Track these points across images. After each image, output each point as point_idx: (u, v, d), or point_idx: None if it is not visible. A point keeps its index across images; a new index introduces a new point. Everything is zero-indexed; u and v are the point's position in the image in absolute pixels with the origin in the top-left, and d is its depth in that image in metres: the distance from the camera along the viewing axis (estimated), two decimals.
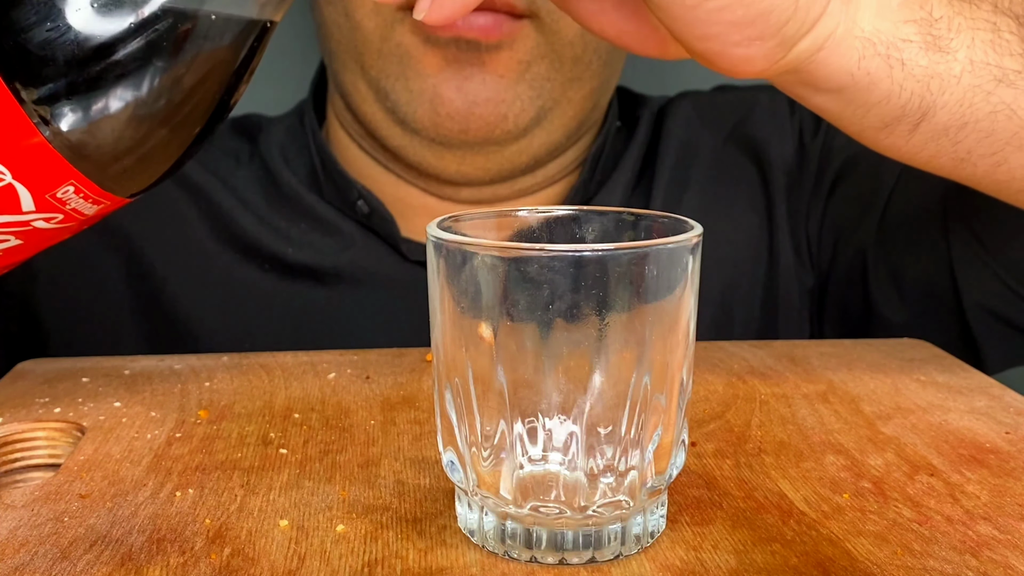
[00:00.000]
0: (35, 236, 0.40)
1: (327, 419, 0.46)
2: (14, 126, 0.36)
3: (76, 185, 0.38)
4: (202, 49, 0.37)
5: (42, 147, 0.36)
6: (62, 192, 0.38)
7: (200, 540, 0.35)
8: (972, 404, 0.48)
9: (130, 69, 0.36)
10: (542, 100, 0.64)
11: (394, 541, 0.35)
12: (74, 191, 0.38)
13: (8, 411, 0.47)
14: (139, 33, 0.36)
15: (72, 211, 0.39)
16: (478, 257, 0.32)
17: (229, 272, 0.68)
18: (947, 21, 0.43)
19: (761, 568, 0.33)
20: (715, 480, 0.40)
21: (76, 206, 0.39)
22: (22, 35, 0.35)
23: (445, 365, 0.34)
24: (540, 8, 0.60)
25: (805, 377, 0.52)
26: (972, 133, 0.44)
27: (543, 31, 0.61)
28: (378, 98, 0.64)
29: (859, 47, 0.42)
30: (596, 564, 0.33)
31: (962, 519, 0.36)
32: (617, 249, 0.31)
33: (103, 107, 0.37)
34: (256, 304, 0.68)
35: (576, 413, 0.32)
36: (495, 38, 0.59)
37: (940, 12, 0.43)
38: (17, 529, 0.36)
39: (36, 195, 0.38)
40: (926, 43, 0.43)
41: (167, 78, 0.37)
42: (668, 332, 0.33)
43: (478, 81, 0.61)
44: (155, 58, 0.36)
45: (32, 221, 0.39)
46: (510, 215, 0.39)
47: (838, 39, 0.42)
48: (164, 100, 0.37)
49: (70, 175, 0.38)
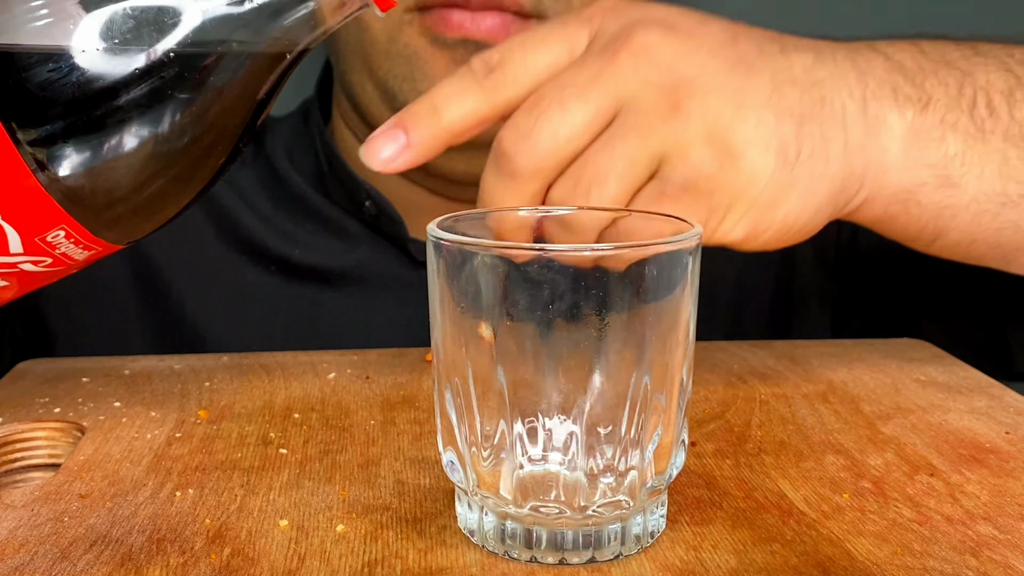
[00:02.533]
0: (23, 278, 0.39)
1: (327, 419, 0.46)
2: (7, 166, 0.34)
3: (67, 230, 0.37)
4: (209, 97, 0.36)
5: (34, 190, 0.35)
6: (52, 236, 0.37)
7: (200, 540, 0.35)
8: (972, 404, 0.48)
9: (132, 116, 0.35)
10: None
11: (394, 541, 0.35)
12: (65, 236, 0.37)
13: (8, 411, 0.47)
14: (144, 79, 0.35)
15: (62, 255, 0.38)
16: (478, 257, 0.32)
17: (235, 274, 0.68)
18: (960, 157, 0.45)
19: (761, 568, 0.33)
20: (715, 480, 0.40)
21: (66, 251, 0.38)
22: (22, 73, 0.34)
23: (445, 365, 0.34)
24: (547, 8, 0.60)
25: (805, 377, 0.52)
26: (982, 245, 0.48)
27: None
28: (385, 99, 0.64)
29: (883, 203, 0.46)
30: (596, 564, 0.33)
31: (962, 519, 0.36)
32: (617, 249, 0.31)
33: (101, 153, 0.35)
34: (262, 306, 0.68)
35: (576, 413, 0.32)
36: (503, 39, 0.59)
37: (955, 149, 0.45)
38: (17, 529, 0.36)
39: (25, 238, 0.36)
40: (940, 181, 0.45)
41: (171, 127, 0.36)
42: (668, 332, 0.33)
43: None
44: (159, 105, 0.35)
45: (19, 264, 0.38)
46: (510, 215, 0.39)
47: (868, 201, 0.46)
48: (166, 149, 0.36)
49: (62, 219, 0.36)
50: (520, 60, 0.41)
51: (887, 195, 0.45)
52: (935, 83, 0.45)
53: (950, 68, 0.45)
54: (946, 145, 0.45)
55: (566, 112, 0.41)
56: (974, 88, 0.45)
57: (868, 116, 0.44)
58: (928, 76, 0.45)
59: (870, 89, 0.45)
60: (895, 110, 0.44)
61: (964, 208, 0.46)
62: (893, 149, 0.44)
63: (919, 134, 0.45)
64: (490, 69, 0.40)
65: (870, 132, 0.45)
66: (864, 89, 0.45)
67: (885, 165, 0.45)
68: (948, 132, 0.45)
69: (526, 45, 0.41)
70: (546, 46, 0.42)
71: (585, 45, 0.43)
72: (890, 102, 0.44)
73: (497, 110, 0.41)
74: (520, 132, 0.41)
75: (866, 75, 0.45)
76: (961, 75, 0.45)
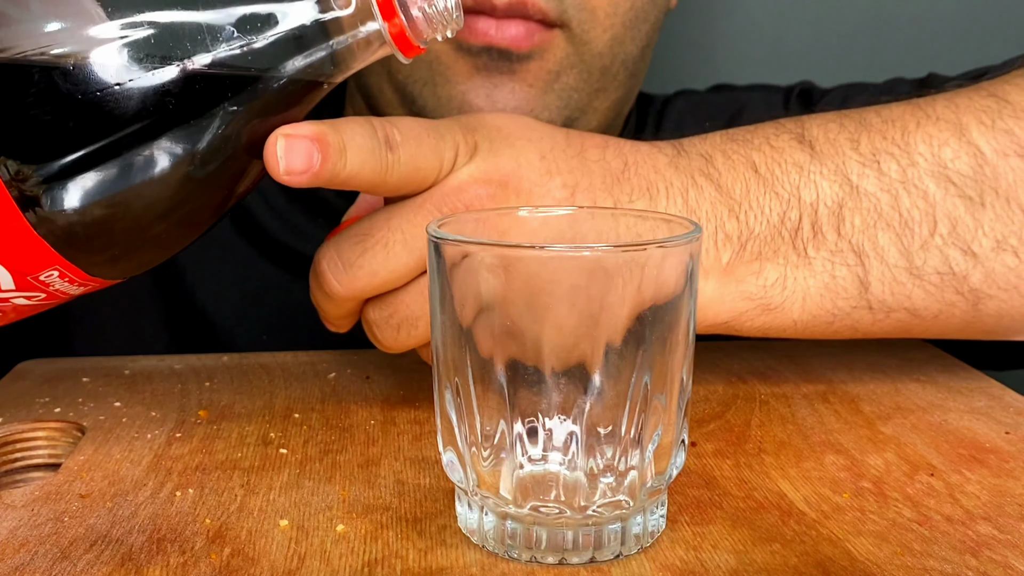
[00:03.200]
0: (15, 310, 0.38)
1: (327, 419, 0.46)
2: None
3: (61, 270, 0.35)
4: (213, 143, 0.35)
5: (26, 231, 0.34)
6: (46, 276, 0.36)
7: (200, 540, 0.35)
8: (972, 404, 0.48)
9: (128, 159, 0.33)
10: (569, 110, 0.64)
11: (394, 541, 0.35)
12: (59, 275, 0.36)
13: (8, 411, 0.47)
14: (141, 122, 0.33)
15: (56, 291, 0.37)
16: (478, 257, 0.32)
17: (247, 265, 0.69)
18: (780, 283, 0.45)
19: (761, 568, 0.33)
20: (715, 480, 0.40)
21: (60, 288, 0.37)
22: (15, 112, 0.32)
23: (445, 365, 0.34)
24: (572, 18, 0.60)
25: (805, 377, 0.52)
26: (833, 337, 0.48)
27: (573, 41, 0.61)
28: (404, 102, 0.64)
29: (706, 327, 0.46)
30: (596, 564, 0.33)
31: (962, 519, 0.36)
32: (617, 249, 0.31)
33: (95, 196, 0.34)
34: (273, 299, 0.68)
35: (576, 413, 0.32)
36: (526, 48, 0.59)
37: (774, 276, 0.45)
38: (17, 529, 0.36)
39: (17, 277, 0.35)
40: (760, 310, 0.46)
41: (169, 172, 0.34)
42: (668, 332, 0.33)
43: (507, 90, 0.61)
44: (158, 150, 0.34)
45: (12, 299, 0.37)
46: (510, 215, 0.39)
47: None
48: (164, 195, 0.35)
49: (55, 261, 0.35)
50: (411, 154, 0.41)
51: (707, 325, 0.46)
52: (758, 214, 0.45)
53: (778, 190, 0.45)
54: (765, 275, 0.45)
55: (389, 256, 0.42)
56: (799, 211, 0.45)
57: None
58: (753, 205, 0.45)
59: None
60: (713, 251, 0.45)
61: (791, 326, 0.46)
62: (707, 290, 0.45)
63: (734, 272, 0.45)
64: (390, 147, 0.40)
65: None
66: None
67: (701, 303, 0.45)
68: (767, 264, 0.45)
69: (421, 142, 0.41)
70: (435, 153, 0.42)
71: (452, 164, 0.43)
72: (710, 244, 0.45)
73: (378, 188, 0.42)
74: (342, 261, 0.42)
75: (693, 215, 0.45)
76: (788, 197, 0.45)
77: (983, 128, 0.46)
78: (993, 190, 0.45)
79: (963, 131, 0.46)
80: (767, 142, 0.47)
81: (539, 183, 0.44)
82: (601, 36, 0.61)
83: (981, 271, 0.45)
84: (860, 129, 0.47)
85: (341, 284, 0.42)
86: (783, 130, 0.47)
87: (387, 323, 0.44)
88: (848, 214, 0.45)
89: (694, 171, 0.46)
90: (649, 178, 0.46)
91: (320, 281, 0.43)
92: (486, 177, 0.43)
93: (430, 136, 0.42)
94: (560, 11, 0.59)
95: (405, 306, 0.43)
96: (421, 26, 0.37)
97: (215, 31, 0.34)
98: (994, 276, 0.45)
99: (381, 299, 0.44)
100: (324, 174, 0.38)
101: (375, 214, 0.43)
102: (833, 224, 0.45)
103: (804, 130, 0.47)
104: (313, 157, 0.38)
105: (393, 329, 0.44)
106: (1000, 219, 0.45)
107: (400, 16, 0.36)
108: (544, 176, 0.44)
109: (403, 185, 0.42)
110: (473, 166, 0.43)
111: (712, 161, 0.46)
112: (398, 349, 0.45)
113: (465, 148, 0.43)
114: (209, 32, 0.34)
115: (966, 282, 0.45)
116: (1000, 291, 0.46)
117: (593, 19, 0.60)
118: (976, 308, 0.46)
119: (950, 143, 0.45)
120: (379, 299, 0.44)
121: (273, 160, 0.37)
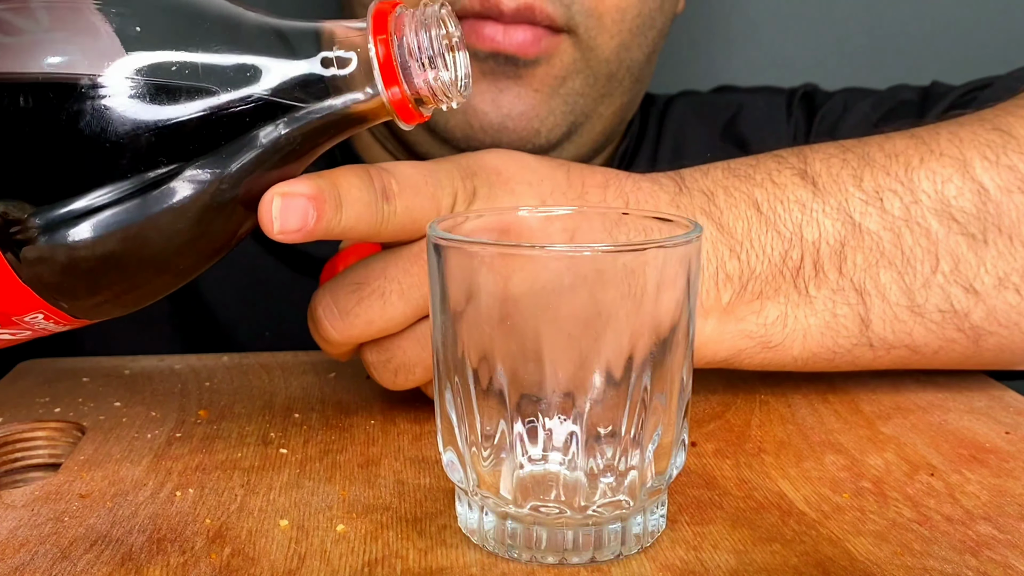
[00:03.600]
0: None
1: (327, 419, 0.46)
2: None
3: (46, 313, 0.35)
4: (204, 197, 0.33)
5: (9, 277, 0.33)
6: (30, 318, 0.35)
7: (200, 540, 0.35)
8: (972, 404, 0.48)
9: (118, 211, 0.32)
10: (574, 115, 0.64)
11: (394, 541, 0.35)
12: (43, 318, 0.35)
13: (8, 411, 0.47)
14: (133, 173, 0.32)
15: (41, 330, 0.36)
16: (478, 257, 0.32)
17: (251, 261, 0.69)
18: (781, 321, 0.45)
19: (761, 568, 0.33)
20: (715, 480, 0.40)
21: (45, 327, 0.36)
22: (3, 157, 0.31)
23: (445, 365, 0.34)
24: (579, 24, 0.60)
25: (805, 377, 0.52)
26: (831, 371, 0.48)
27: (580, 47, 0.61)
28: None
29: (705, 363, 0.46)
30: (596, 564, 0.33)
31: (962, 519, 0.36)
32: (617, 249, 0.31)
33: (82, 247, 0.32)
34: (276, 295, 0.68)
35: (576, 413, 0.32)
36: (533, 54, 0.59)
37: (775, 314, 0.45)
38: (17, 529, 0.36)
39: (2, 319, 0.35)
40: (760, 347, 0.46)
41: (159, 226, 0.33)
42: (668, 332, 0.33)
43: (513, 95, 0.61)
44: (148, 201, 0.32)
45: None
46: (510, 215, 0.39)
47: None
48: (154, 248, 0.33)
49: (39, 306, 0.34)
50: (408, 204, 0.41)
51: (705, 361, 0.46)
52: (760, 254, 0.45)
53: (780, 229, 0.45)
54: (765, 314, 0.45)
55: (385, 306, 0.42)
56: (801, 250, 0.45)
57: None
58: (755, 244, 0.45)
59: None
60: (714, 291, 0.45)
61: (791, 362, 0.46)
62: (707, 329, 0.45)
63: (735, 312, 0.45)
64: (386, 197, 0.40)
65: None
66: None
67: (700, 341, 0.45)
68: (768, 303, 0.45)
69: (419, 191, 0.41)
70: (432, 202, 0.42)
71: (450, 212, 0.43)
72: (711, 284, 0.45)
73: (373, 240, 0.42)
74: (339, 310, 0.42)
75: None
76: (790, 236, 0.45)
77: (987, 164, 0.45)
78: (996, 227, 0.45)
79: (967, 167, 0.45)
80: (769, 178, 0.46)
81: (539, 227, 0.44)
82: (608, 42, 0.61)
83: (983, 308, 0.45)
84: (863, 164, 0.46)
85: (337, 331, 0.42)
86: (785, 165, 0.47)
87: (385, 367, 0.44)
88: (850, 252, 0.45)
89: (696, 210, 0.46)
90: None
91: (317, 327, 0.43)
92: (485, 225, 0.43)
93: (428, 184, 0.41)
94: (567, 17, 0.59)
95: (402, 352, 0.43)
96: (425, 96, 0.35)
97: (218, 75, 0.33)
98: (996, 313, 0.45)
99: (378, 343, 0.44)
100: (319, 231, 0.38)
101: (370, 261, 0.43)
102: (835, 263, 0.45)
103: (807, 165, 0.47)
104: (308, 216, 0.37)
105: (391, 373, 0.44)
106: (1003, 256, 0.45)
107: (403, 85, 0.34)
108: (543, 223, 0.44)
109: (400, 234, 0.41)
110: (489, 197, 0.43)
111: (714, 199, 0.46)
112: (397, 389, 0.45)
113: (464, 195, 0.43)
114: (208, 76, 0.33)
115: (967, 319, 0.45)
116: (1001, 328, 0.45)
117: (600, 25, 0.60)
118: (977, 344, 0.46)
119: (954, 180, 0.45)
120: (377, 343, 0.44)
121: (268, 219, 0.36)
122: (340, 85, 0.34)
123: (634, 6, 0.61)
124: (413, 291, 0.42)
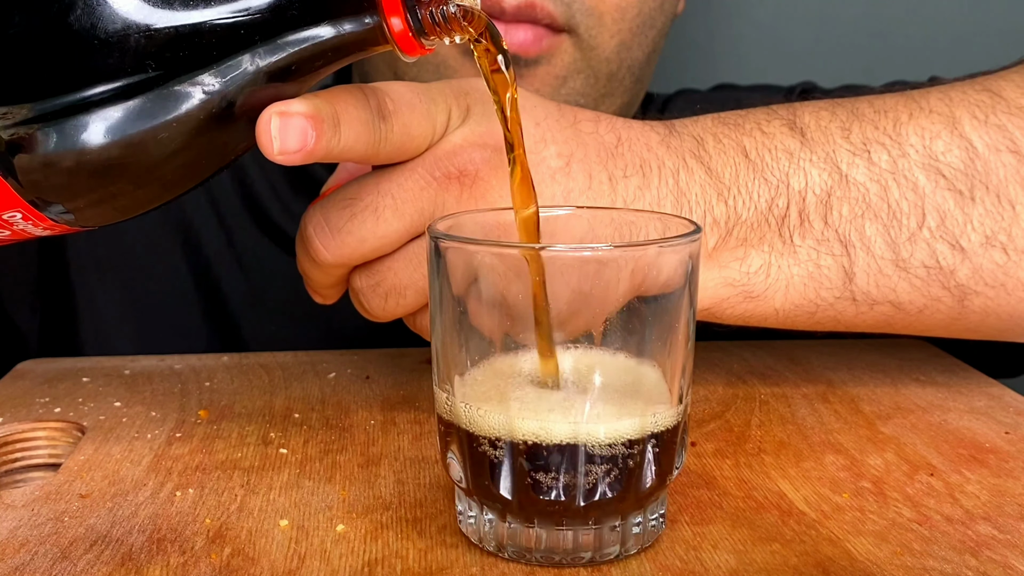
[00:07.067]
0: None
1: (327, 419, 0.46)
2: None
3: (24, 213, 0.34)
4: (195, 106, 0.33)
5: None
6: (9, 216, 0.35)
7: (200, 540, 0.35)
8: (972, 404, 0.48)
9: (106, 114, 0.32)
10: None
11: (394, 541, 0.35)
12: (22, 217, 0.35)
13: (8, 411, 0.47)
14: (127, 76, 0.31)
15: (21, 231, 0.36)
16: (478, 257, 0.32)
17: (256, 252, 0.69)
18: (764, 271, 0.45)
19: (761, 568, 0.33)
20: (715, 480, 0.40)
21: (25, 228, 0.35)
22: None
23: (445, 365, 0.34)
24: (579, 23, 0.60)
25: (805, 377, 0.52)
26: (814, 328, 0.48)
27: (581, 47, 0.61)
28: None
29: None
30: (596, 564, 0.33)
31: (962, 519, 0.36)
32: (617, 249, 0.31)
33: (63, 148, 0.32)
34: (280, 288, 0.68)
35: (576, 412, 0.32)
36: (534, 53, 0.59)
37: (758, 263, 0.45)
38: (17, 529, 0.36)
39: None
40: (742, 297, 0.45)
41: (146, 131, 0.33)
42: (668, 332, 0.33)
43: None
44: (138, 107, 0.32)
45: None
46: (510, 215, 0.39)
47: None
48: (137, 155, 0.33)
49: (18, 204, 0.34)
50: (404, 122, 0.40)
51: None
52: (746, 200, 0.45)
53: (767, 176, 0.45)
54: (748, 262, 0.45)
55: (379, 222, 0.41)
56: (787, 198, 0.45)
57: None
58: (742, 190, 0.45)
59: (683, 212, 0.45)
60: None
61: (773, 314, 0.46)
62: None
63: (718, 257, 0.45)
64: (383, 116, 0.40)
65: None
66: (679, 212, 0.45)
67: None
68: (751, 250, 0.45)
69: (414, 108, 0.41)
70: (427, 118, 0.41)
71: (444, 128, 0.42)
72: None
73: (370, 160, 0.41)
74: (330, 227, 0.41)
75: (683, 196, 0.45)
76: (777, 183, 0.45)
77: (976, 123, 0.45)
78: (984, 185, 0.45)
79: (956, 124, 0.45)
80: (758, 127, 0.46)
81: (533, 150, 0.43)
82: (608, 41, 0.61)
83: (969, 266, 0.45)
84: (852, 118, 0.46)
85: (328, 250, 0.41)
86: (775, 116, 0.47)
87: (374, 291, 0.43)
88: (836, 203, 0.45)
89: (685, 152, 0.46)
90: (642, 155, 0.45)
91: (307, 247, 0.42)
92: (481, 141, 0.42)
93: (422, 101, 0.41)
94: (568, 16, 0.59)
95: (393, 274, 0.42)
96: (427, 28, 0.35)
97: None
98: (981, 272, 0.45)
99: (368, 266, 0.43)
100: (319, 151, 0.37)
101: (364, 178, 0.42)
102: (820, 213, 0.45)
103: (796, 117, 0.47)
104: (307, 135, 0.36)
105: (380, 298, 0.43)
106: (990, 214, 0.45)
107: (404, 15, 0.35)
108: (539, 143, 0.43)
109: (396, 154, 0.41)
110: (467, 129, 0.42)
111: (703, 144, 0.46)
112: (386, 318, 0.44)
113: (458, 111, 0.42)
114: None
115: (953, 277, 0.45)
116: (987, 288, 0.45)
117: (601, 24, 0.60)
118: (962, 304, 0.46)
119: (942, 136, 0.45)
120: (366, 266, 0.43)
121: (266, 139, 0.36)
122: (344, 7, 0.34)
123: (634, 5, 0.61)
124: (407, 206, 0.41)
